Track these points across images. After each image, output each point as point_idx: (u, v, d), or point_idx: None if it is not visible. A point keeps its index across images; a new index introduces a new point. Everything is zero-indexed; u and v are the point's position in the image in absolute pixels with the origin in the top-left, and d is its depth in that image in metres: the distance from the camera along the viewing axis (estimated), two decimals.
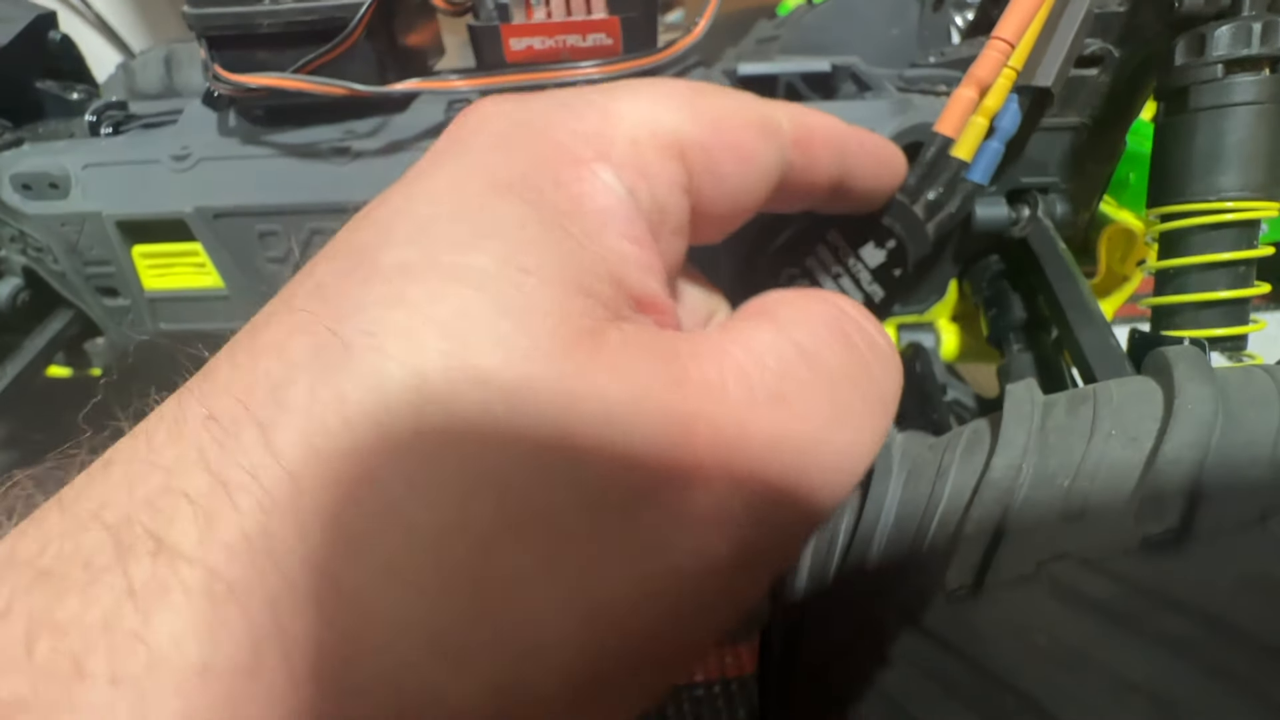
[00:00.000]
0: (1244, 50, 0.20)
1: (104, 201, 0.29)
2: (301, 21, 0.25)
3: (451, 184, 0.12)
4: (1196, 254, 0.22)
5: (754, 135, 0.14)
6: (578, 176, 0.13)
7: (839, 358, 0.14)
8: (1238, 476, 0.13)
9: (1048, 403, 0.17)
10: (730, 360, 0.12)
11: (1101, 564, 0.13)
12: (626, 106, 0.14)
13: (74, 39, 0.67)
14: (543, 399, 0.11)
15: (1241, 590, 0.11)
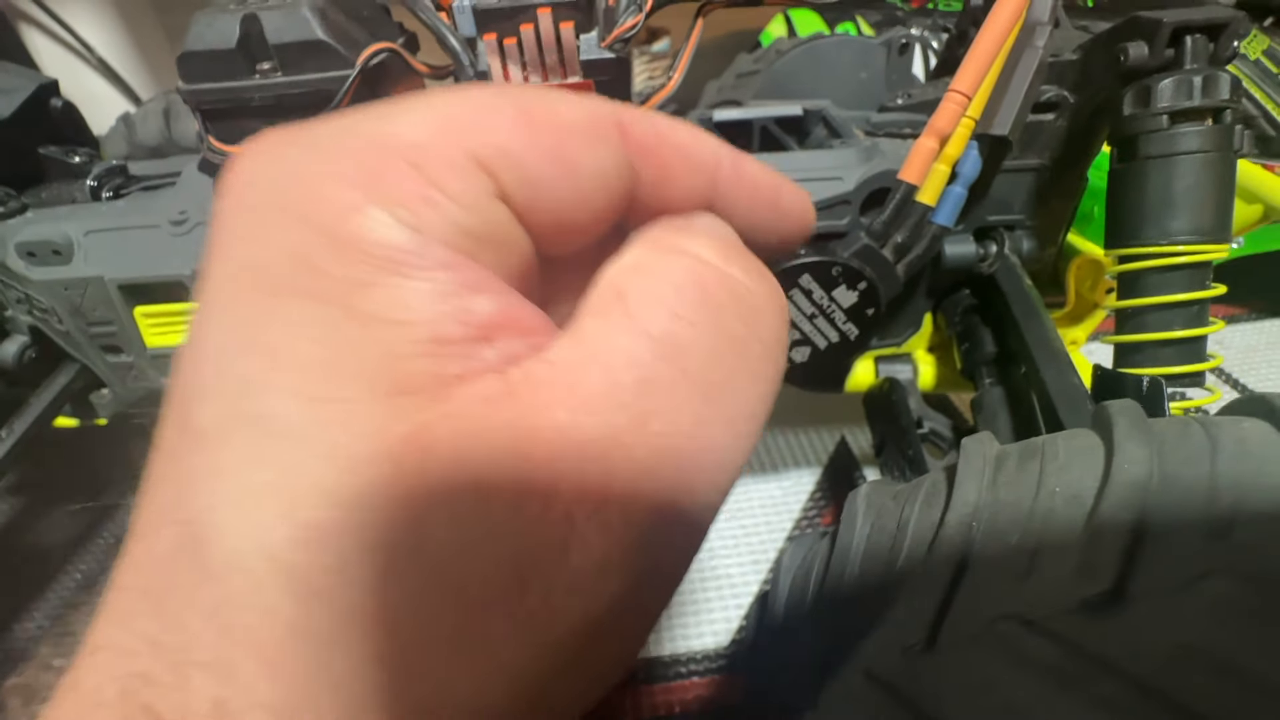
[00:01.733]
0: (1186, 102, 0.21)
1: (106, 266, 0.30)
2: (291, 95, 0.26)
3: (228, 295, 0.11)
4: (1152, 294, 0.22)
5: (575, 133, 0.13)
6: (353, 233, 0.11)
7: (703, 332, 0.12)
8: (1170, 539, 0.14)
9: (1000, 456, 0.18)
10: (583, 391, 0.11)
11: (1044, 624, 0.14)
12: (404, 125, 0.12)
13: (81, 85, 0.68)
14: (392, 534, 0.10)
15: (1171, 658, 0.12)
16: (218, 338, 0.11)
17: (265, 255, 0.11)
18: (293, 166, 0.12)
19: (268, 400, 0.11)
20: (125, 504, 0.52)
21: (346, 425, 0.10)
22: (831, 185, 0.27)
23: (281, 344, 0.11)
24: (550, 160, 0.12)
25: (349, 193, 0.11)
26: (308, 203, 0.11)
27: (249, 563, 0.10)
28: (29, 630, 0.45)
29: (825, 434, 0.54)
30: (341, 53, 0.26)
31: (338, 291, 0.11)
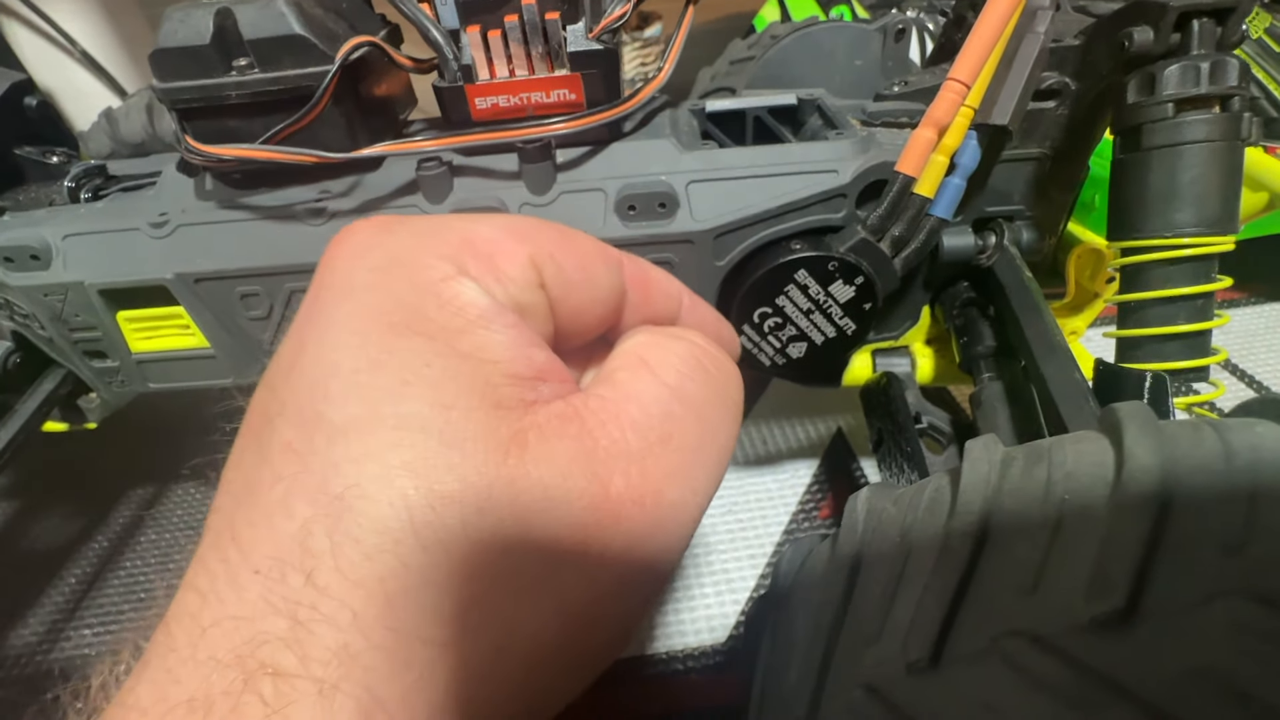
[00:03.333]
0: (1193, 89, 0.21)
1: (86, 271, 0.30)
2: (268, 92, 0.26)
3: (356, 332, 0.15)
4: (1156, 288, 0.22)
5: (595, 258, 0.18)
6: (452, 294, 0.15)
7: (700, 387, 0.17)
8: (1184, 554, 0.13)
9: (1005, 460, 0.17)
10: (626, 417, 0.16)
11: (1052, 642, 0.13)
12: (483, 230, 0.17)
13: (65, 80, 0.67)
14: (497, 502, 0.14)
15: (1184, 683, 0.12)
16: (349, 360, 0.15)
17: (387, 304, 0.15)
18: (405, 242, 0.16)
19: (405, 405, 0.14)
20: (118, 507, 0.52)
21: (466, 424, 0.14)
22: (827, 178, 0.27)
23: (408, 369, 0.15)
24: (577, 269, 0.17)
25: (446, 266, 0.16)
26: (418, 270, 0.16)
27: (391, 524, 0.13)
28: (24, 635, 0.45)
29: (821, 426, 0.53)
30: (320, 47, 0.25)
31: (442, 334, 0.15)
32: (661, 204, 0.27)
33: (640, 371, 0.17)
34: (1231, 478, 0.14)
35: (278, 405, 0.15)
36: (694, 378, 0.17)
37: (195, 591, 0.14)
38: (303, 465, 0.14)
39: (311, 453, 0.14)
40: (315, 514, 0.14)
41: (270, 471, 0.14)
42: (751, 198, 0.27)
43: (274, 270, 0.29)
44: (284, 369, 0.15)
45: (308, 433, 0.14)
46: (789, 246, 0.27)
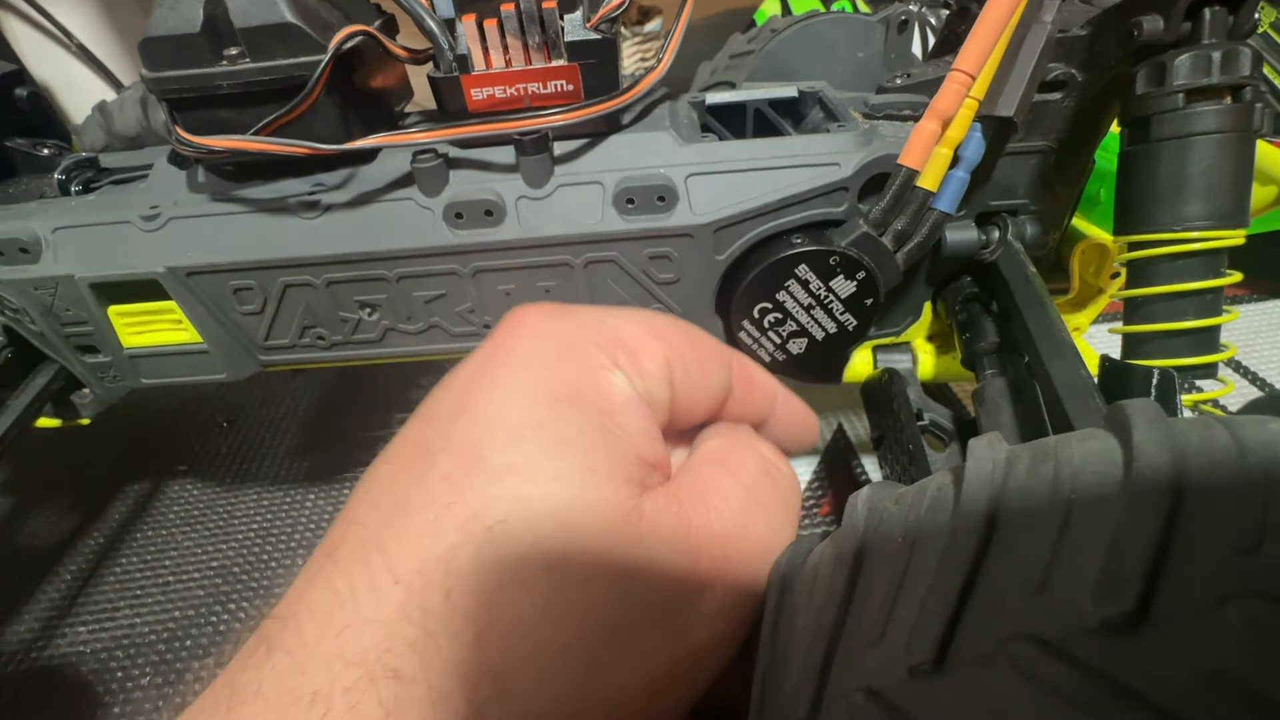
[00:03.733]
0: (1204, 79, 0.20)
1: (76, 265, 0.29)
2: (260, 81, 0.25)
3: (526, 397, 0.18)
4: (1163, 283, 0.21)
5: (714, 359, 0.21)
6: (606, 382, 0.19)
7: (767, 490, 0.20)
8: (1196, 554, 0.13)
9: (1010, 458, 0.17)
10: (712, 506, 0.19)
11: (1060, 646, 0.13)
12: (631, 327, 0.20)
13: (61, 73, 0.66)
14: (616, 562, 0.17)
15: (1198, 687, 0.11)
16: (517, 417, 0.17)
17: (554, 378, 0.18)
18: (571, 331, 0.19)
19: (559, 462, 0.17)
20: (113, 504, 0.51)
21: (604, 489, 0.17)
22: (828, 171, 0.26)
23: (566, 434, 0.17)
24: (699, 369, 0.20)
25: (603, 357, 0.19)
26: (582, 357, 0.19)
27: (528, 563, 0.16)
28: (19, 632, 0.45)
29: (822, 423, 0.53)
30: (312, 36, 0.25)
31: (595, 413, 0.18)
32: (660, 197, 0.27)
33: (722, 470, 0.20)
34: (1245, 476, 0.13)
35: (442, 442, 0.17)
36: (762, 482, 0.20)
37: (332, 593, 0.16)
38: (458, 496, 0.16)
39: (469, 487, 0.16)
40: (463, 540, 0.16)
41: (425, 496, 0.17)
42: (752, 191, 0.27)
43: (267, 264, 0.28)
44: (449, 412, 0.18)
45: (467, 470, 0.17)
46: (790, 241, 0.27)
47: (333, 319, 0.30)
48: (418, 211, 0.27)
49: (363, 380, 0.60)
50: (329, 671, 0.15)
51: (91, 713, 0.40)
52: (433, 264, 0.28)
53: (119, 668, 0.42)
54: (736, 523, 0.19)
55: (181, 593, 0.45)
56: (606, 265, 0.28)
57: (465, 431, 0.17)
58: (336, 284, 0.29)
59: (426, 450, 0.17)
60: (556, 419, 0.17)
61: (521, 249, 0.27)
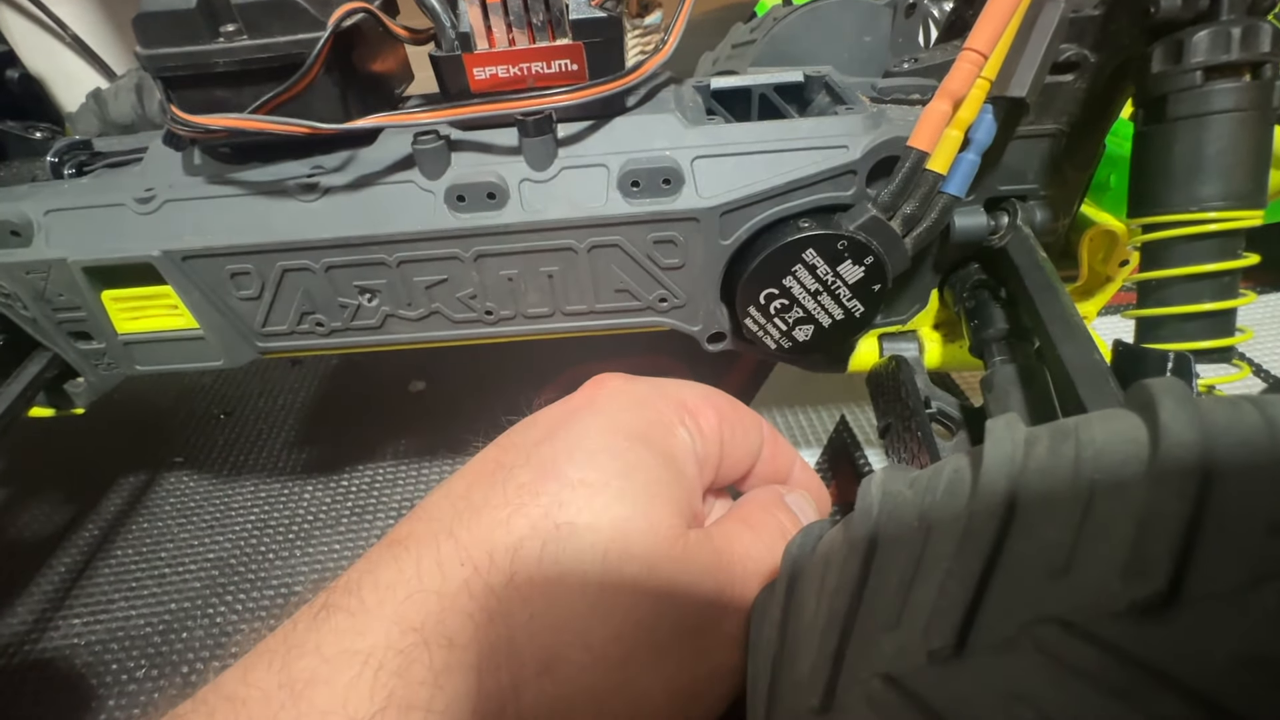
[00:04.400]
0: (1223, 56, 0.20)
1: (69, 248, 0.29)
2: (258, 59, 0.25)
3: (605, 432, 0.21)
4: (1179, 265, 0.21)
5: (753, 426, 0.25)
6: (672, 433, 0.22)
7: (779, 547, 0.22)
8: (1229, 534, 0.12)
9: (1029, 439, 0.17)
10: (738, 551, 0.21)
11: (1087, 629, 0.13)
12: (691, 395, 0.24)
13: (55, 63, 0.66)
14: (663, 571, 0.19)
15: (1234, 670, 0.11)
16: (596, 445, 0.20)
17: (630, 421, 0.21)
18: (644, 392, 0.23)
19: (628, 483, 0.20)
20: (108, 495, 0.51)
21: (662, 511, 0.20)
22: (837, 154, 0.26)
23: (637, 464, 0.20)
24: (742, 432, 0.24)
25: (671, 415, 0.22)
26: (653, 411, 0.22)
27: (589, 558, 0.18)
28: (12, 625, 0.44)
29: (825, 413, 0.52)
30: (311, 13, 0.24)
31: (663, 454, 0.21)
32: (666, 180, 0.26)
33: (747, 526, 0.22)
34: (1276, 453, 0.13)
35: (522, 460, 0.20)
36: (778, 543, 0.23)
37: (398, 569, 0.18)
38: (533, 498, 0.19)
39: (544, 492, 0.19)
40: (531, 534, 0.18)
41: (500, 498, 0.19)
42: (759, 174, 0.26)
43: (265, 248, 0.28)
44: (533, 441, 0.21)
45: (544, 479, 0.19)
46: (797, 225, 0.26)
47: (331, 305, 0.29)
48: (419, 194, 0.27)
49: (362, 372, 0.59)
50: (386, 634, 0.16)
51: (86, 706, 0.39)
52: (434, 248, 0.27)
53: (114, 660, 0.41)
54: (755, 569, 0.21)
55: (178, 585, 0.45)
56: (611, 250, 0.27)
57: (546, 453, 0.20)
58: (335, 268, 0.28)
59: (505, 467, 0.20)
60: (629, 451, 0.20)
61: (524, 233, 0.27)
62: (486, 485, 0.20)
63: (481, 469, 0.20)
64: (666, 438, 0.21)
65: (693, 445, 0.22)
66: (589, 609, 0.18)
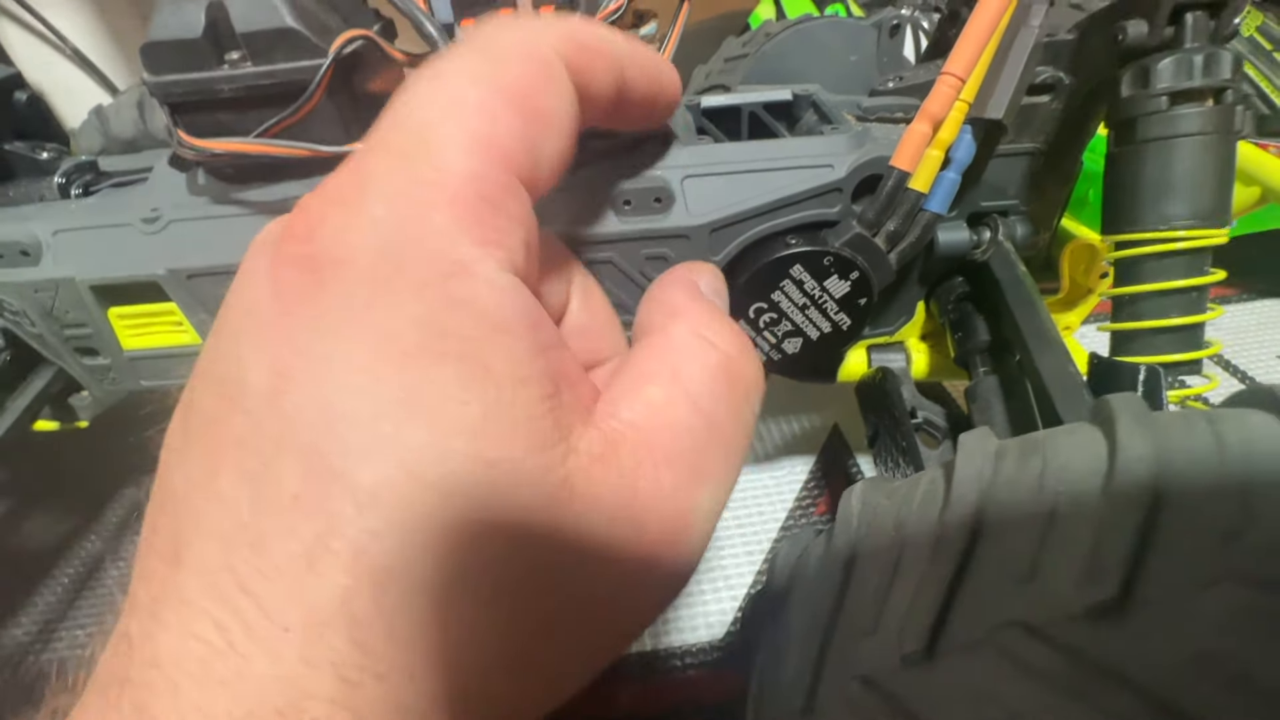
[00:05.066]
0: (1187, 82, 0.21)
1: (76, 267, 0.29)
2: (261, 85, 0.25)
3: (363, 368, 0.12)
4: (1149, 281, 0.22)
5: (545, 96, 0.15)
6: (469, 293, 0.13)
7: (729, 410, 0.16)
8: (1178, 542, 0.13)
9: (999, 452, 0.17)
10: (660, 451, 0.15)
11: (1047, 632, 0.13)
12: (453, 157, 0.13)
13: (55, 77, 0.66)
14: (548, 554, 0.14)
15: (1184, 668, 0.12)
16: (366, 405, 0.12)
17: (397, 322, 0.13)
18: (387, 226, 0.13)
19: (448, 464, 0.12)
20: (111, 506, 0.51)
21: (515, 476, 0.13)
22: (822, 173, 0.27)
23: (444, 411, 0.12)
24: (539, 131, 0.14)
25: (452, 239, 0.13)
26: (422, 262, 0.13)
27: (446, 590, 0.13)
28: (16, 636, 0.45)
29: (818, 421, 0.53)
30: (313, 41, 0.25)
31: (470, 352, 0.13)
32: (657, 199, 0.27)
33: (674, 390, 0.16)
34: (1225, 467, 0.14)
35: (268, 445, 0.13)
36: (725, 399, 0.16)
37: (200, 642, 0.12)
38: (328, 527, 0.12)
39: (336, 515, 0.12)
40: (355, 582, 0.12)
41: (280, 524, 0.12)
42: (747, 192, 0.27)
43: None
44: (263, 390, 0.13)
45: (324, 489, 0.12)
46: (784, 241, 0.27)
47: None
48: None
49: None
50: None
51: None
52: None
53: None
54: (691, 467, 0.15)
55: None
56: (604, 266, 0.28)
57: (298, 427, 0.12)
58: None
59: (250, 450, 0.13)
60: (421, 390, 0.12)
61: None
62: (243, 494, 0.13)
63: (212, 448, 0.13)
64: (462, 307, 0.13)
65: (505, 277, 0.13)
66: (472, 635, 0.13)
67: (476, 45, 0.15)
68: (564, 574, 0.14)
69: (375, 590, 0.12)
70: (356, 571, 0.12)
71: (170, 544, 0.13)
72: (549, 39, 0.15)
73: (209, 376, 0.14)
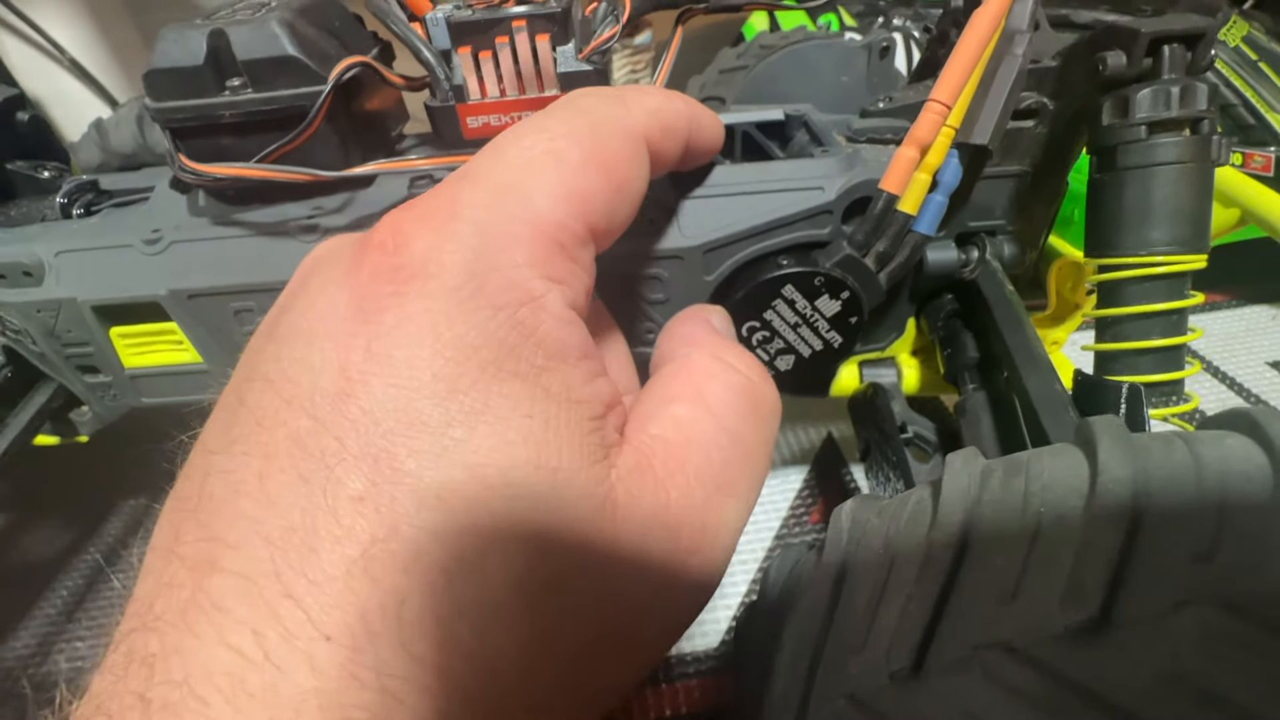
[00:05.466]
0: (1164, 113, 0.22)
1: (79, 288, 0.30)
2: (262, 111, 0.26)
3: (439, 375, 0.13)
4: (1131, 304, 0.23)
5: (629, 168, 0.17)
6: (536, 322, 0.14)
7: (752, 428, 0.17)
8: (1155, 563, 0.14)
9: (985, 473, 0.18)
10: (691, 466, 0.16)
11: (1029, 652, 0.14)
12: (544, 203, 0.15)
13: (55, 88, 0.66)
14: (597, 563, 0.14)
15: (1156, 689, 0.12)
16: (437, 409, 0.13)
17: (473, 335, 0.14)
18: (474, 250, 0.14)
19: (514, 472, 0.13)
20: (110, 519, 0.52)
21: (571, 487, 0.14)
22: (813, 195, 0.27)
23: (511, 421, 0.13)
24: (618, 198, 0.16)
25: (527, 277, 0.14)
26: (502, 290, 0.14)
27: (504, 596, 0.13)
28: (16, 650, 0.45)
29: (812, 431, 0.54)
30: (313, 68, 0.25)
31: (533, 374, 0.14)
32: (651, 220, 0.27)
33: (698, 409, 0.17)
34: (1202, 489, 0.14)
35: (333, 444, 0.13)
36: (748, 418, 0.17)
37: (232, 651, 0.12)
38: (390, 529, 0.12)
39: (400, 515, 0.12)
40: (409, 584, 0.12)
41: (339, 528, 0.12)
42: (740, 214, 0.28)
43: (268, 286, 0.29)
44: (331, 395, 0.13)
45: (390, 491, 0.12)
46: (776, 262, 0.28)
47: None
48: None
49: None
50: None
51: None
52: None
53: None
54: (719, 481, 0.16)
55: None
56: (599, 287, 0.29)
57: (365, 429, 0.13)
58: None
59: (309, 451, 0.13)
60: (491, 401, 0.13)
61: None
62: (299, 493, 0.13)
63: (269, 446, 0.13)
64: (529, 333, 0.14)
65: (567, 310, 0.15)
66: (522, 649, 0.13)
67: (583, 111, 0.17)
68: (607, 583, 0.14)
69: (431, 593, 0.12)
70: (415, 571, 0.12)
71: (203, 551, 0.13)
72: (640, 119, 0.17)
73: (264, 378, 0.14)
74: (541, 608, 0.13)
